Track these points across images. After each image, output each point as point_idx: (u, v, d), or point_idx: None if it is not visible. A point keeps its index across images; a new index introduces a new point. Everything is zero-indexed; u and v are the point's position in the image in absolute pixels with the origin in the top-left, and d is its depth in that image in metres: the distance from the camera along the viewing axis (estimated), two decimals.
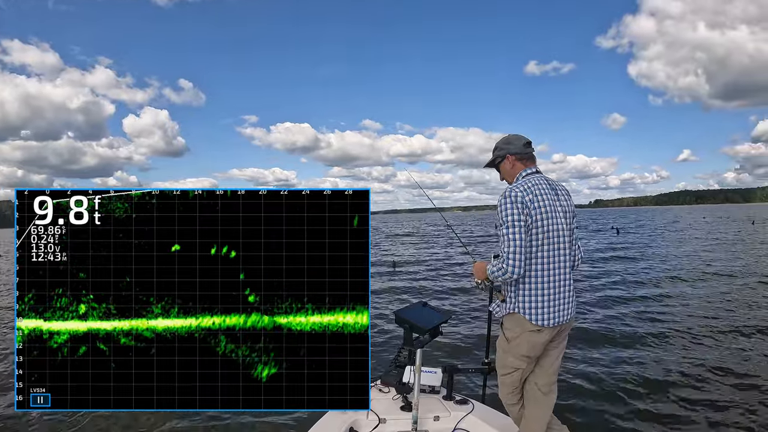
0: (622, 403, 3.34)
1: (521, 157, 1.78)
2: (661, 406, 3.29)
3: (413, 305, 2.61)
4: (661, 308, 6.46)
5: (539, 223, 1.61)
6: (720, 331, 5.14)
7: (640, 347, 4.63)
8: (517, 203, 1.60)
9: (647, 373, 3.88)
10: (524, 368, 1.73)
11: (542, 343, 1.67)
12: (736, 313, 5.98)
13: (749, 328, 5.21)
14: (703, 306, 6.50)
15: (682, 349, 4.57)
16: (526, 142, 1.79)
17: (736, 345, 4.61)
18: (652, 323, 5.59)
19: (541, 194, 1.65)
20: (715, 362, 4.09)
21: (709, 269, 9.97)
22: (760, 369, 3.94)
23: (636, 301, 7.02)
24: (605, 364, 4.17)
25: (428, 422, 2.09)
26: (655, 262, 11.75)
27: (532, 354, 1.68)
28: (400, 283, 9.69)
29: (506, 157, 1.79)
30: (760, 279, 8.45)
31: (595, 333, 5.14)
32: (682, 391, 3.51)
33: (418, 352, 2.17)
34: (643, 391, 3.54)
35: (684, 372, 3.89)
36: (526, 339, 1.65)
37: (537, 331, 1.63)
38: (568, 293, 1.68)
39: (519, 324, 1.66)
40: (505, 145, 1.81)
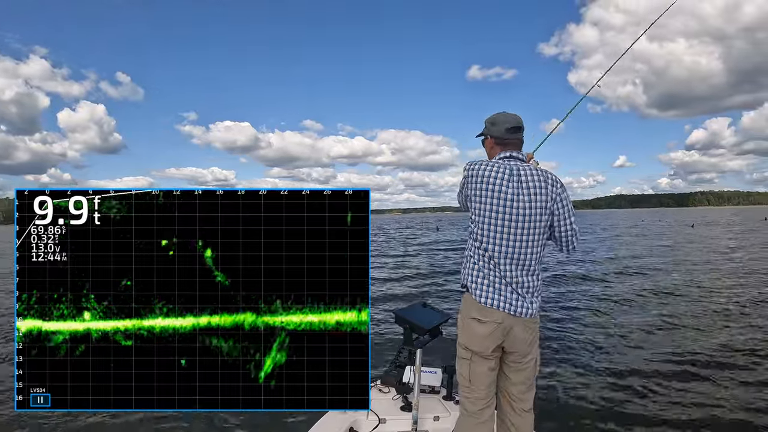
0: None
1: (500, 141, 1.71)
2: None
3: (413, 305, 2.61)
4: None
5: (479, 198, 1.64)
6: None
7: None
8: (470, 181, 1.65)
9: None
10: (471, 361, 1.68)
11: (484, 335, 1.61)
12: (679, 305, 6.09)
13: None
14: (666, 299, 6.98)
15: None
16: (512, 127, 1.69)
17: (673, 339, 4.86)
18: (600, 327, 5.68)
19: (500, 176, 1.60)
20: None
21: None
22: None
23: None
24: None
25: (428, 422, 2.09)
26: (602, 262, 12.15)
27: (475, 347, 1.64)
28: (400, 282, 9.69)
29: (487, 137, 1.75)
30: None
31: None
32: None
33: (418, 352, 2.17)
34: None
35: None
36: (469, 324, 1.65)
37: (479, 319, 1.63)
38: (512, 289, 1.60)
39: (467, 303, 1.67)
40: (489, 124, 1.74)
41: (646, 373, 3.94)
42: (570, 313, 6.43)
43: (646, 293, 7.74)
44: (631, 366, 4.12)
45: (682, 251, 14.92)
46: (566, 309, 6.68)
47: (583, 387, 3.69)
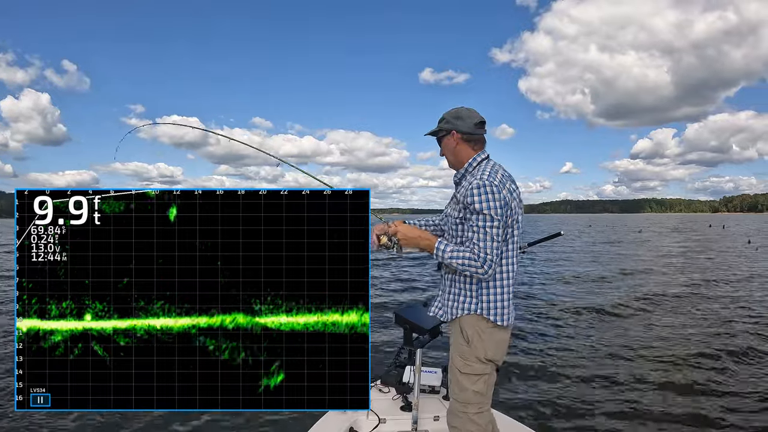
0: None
1: (470, 138, 1.59)
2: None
3: (413, 305, 2.61)
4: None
5: (511, 221, 1.51)
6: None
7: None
8: (500, 198, 1.45)
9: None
10: (489, 374, 1.55)
11: (505, 340, 1.58)
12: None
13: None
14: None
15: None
16: (479, 121, 1.59)
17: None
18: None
19: (511, 190, 1.51)
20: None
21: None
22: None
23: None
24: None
25: (428, 422, 2.09)
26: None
27: (497, 357, 1.55)
28: (400, 283, 9.69)
29: (452, 132, 1.60)
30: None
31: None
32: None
33: (418, 352, 2.17)
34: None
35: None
36: (489, 336, 1.53)
37: (501, 328, 1.54)
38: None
39: (480, 324, 1.54)
40: (453, 119, 1.60)
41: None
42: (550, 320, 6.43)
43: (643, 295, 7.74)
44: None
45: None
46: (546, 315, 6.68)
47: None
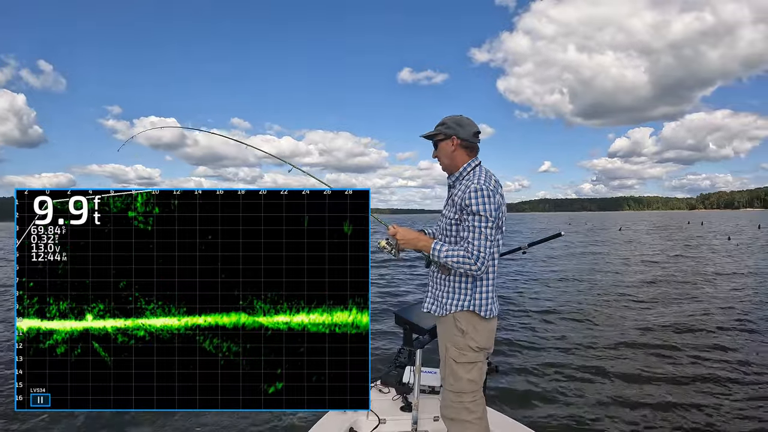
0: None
1: (468, 145, 1.69)
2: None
3: (413, 305, 2.61)
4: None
5: (500, 223, 1.64)
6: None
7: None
8: (494, 201, 1.56)
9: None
10: (482, 362, 1.68)
11: (493, 329, 1.71)
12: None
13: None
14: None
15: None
16: (477, 131, 1.71)
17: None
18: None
19: (501, 194, 1.66)
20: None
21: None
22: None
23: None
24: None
25: (428, 422, 2.09)
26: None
27: (488, 345, 1.69)
28: (400, 283, 9.69)
29: (452, 138, 1.68)
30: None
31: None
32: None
33: (418, 352, 2.17)
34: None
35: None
36: (482, 328, 1.65)
37: (490, 320, 1.67)
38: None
39: (472, 318, 1.65)
40: (455, 125, 1.69)
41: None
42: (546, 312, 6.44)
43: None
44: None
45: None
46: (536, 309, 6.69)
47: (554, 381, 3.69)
